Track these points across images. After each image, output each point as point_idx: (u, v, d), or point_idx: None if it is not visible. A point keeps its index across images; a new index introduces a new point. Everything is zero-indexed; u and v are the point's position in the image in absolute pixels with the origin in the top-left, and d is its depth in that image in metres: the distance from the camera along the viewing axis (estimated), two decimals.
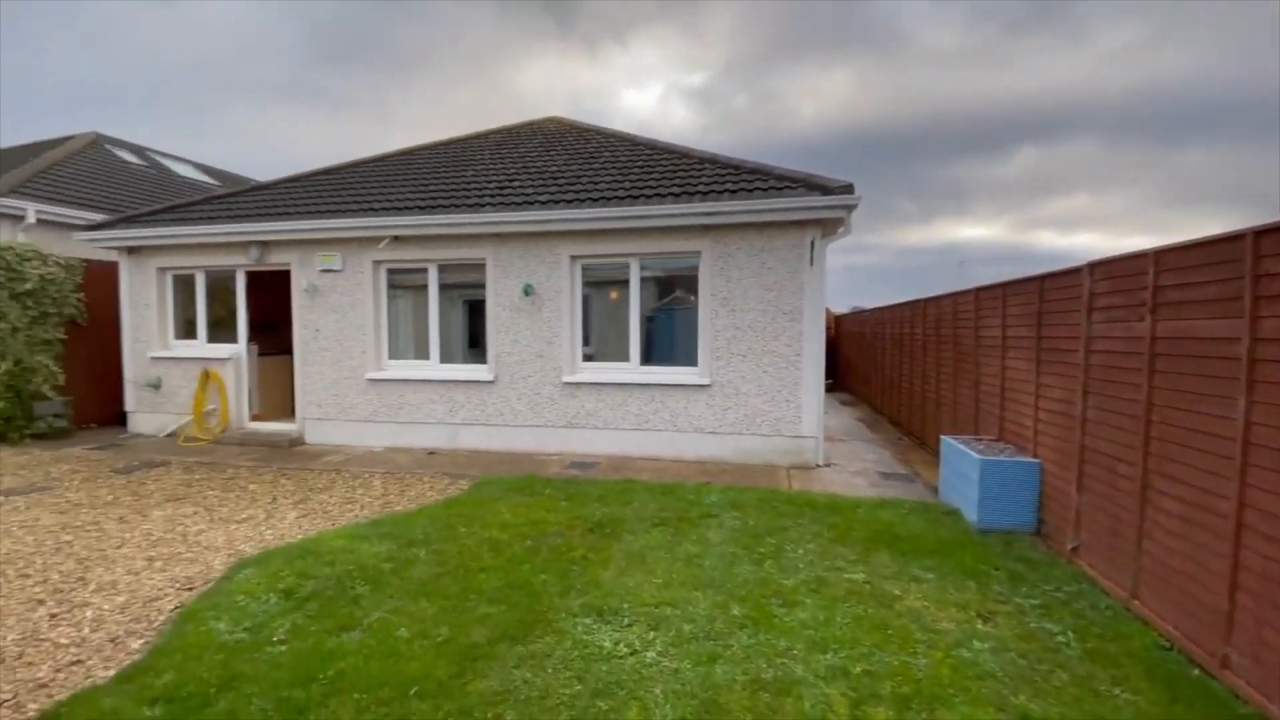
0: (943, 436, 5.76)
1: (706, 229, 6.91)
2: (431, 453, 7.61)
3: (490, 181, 8.41)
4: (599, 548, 4.22)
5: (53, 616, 3.29)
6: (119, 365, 9.24)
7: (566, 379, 7.36)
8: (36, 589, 3.64)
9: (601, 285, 7.74)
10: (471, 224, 7.39)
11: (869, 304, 14.01)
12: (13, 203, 9.53)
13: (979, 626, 3.32)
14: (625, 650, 2.95)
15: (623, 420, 7.24)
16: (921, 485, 6.30)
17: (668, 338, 7.57)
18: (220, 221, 8.38)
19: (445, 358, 8.08)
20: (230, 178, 16.88)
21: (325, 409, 8.23)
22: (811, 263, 6.69)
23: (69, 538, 4.52)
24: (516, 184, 8.16)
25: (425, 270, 7.95)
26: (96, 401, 9.36)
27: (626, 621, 3.22)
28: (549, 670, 2.77)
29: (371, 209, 7.94)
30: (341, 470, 6.71)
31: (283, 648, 2.88)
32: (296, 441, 8.13)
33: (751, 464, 6.90)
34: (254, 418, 8.79)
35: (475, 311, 8.24)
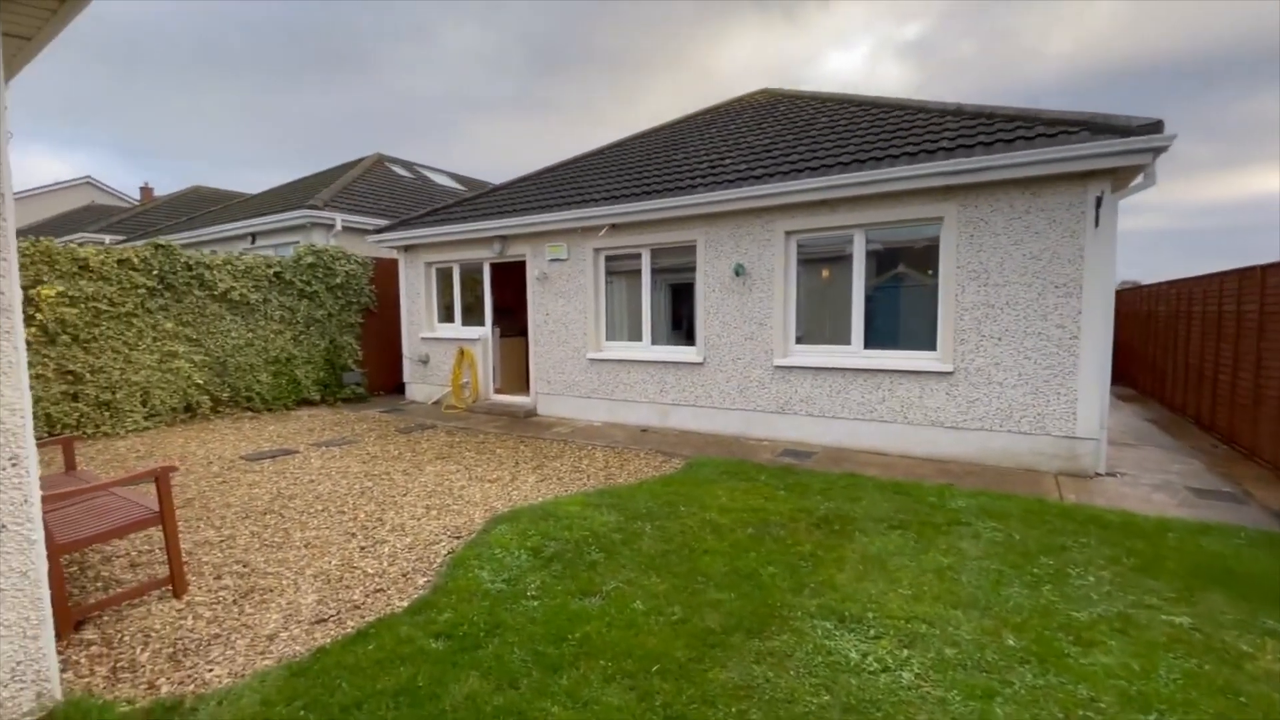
0: None
1: (950, 190, 5.99)
2: (644, 430, 7.87)
3: (701, 162, 8.34)
4: (829, 545, 3.89)
5: (362, 549, 3.99)
6: (398, 344, 11.18)
7: (778, 362, 7.02)
8: (350, 524, 4.46)
9: (812, 263, 7.20)
10: (682, 206, 7.39)
11: (1144, 278, 11.20)
12: (327, 214, 12.01)
13: None
14: (875, 665, 2.62)
15: (842, 408, 6.69)
16: (1256, 509, 4.80)
17: (894, 318, 6.78)
18: (470, 220, 9.58)
19: (655, 339, 8.27)
20: (474, 182, 19.42)
21: (553, 385, 8.99)
22: (1097, 224, 5.42)
23: (370, 484, 5.51)
24: (728, 162, 7.97)
25: (639, 255, 8.19)
26: (383, 373, 11.46)
27: (873, 633, 2.86)
28: (791, 672, 2.56)
29: (592, 199, 8.39)
30: (568, 441, 7.25)
31: (535, 603, 3.10)
32: (530, 413, 9.03)
33: (1004, 466, 5.89)
34: (496, 390, 9.98)
35: (679, 294, 8.28)
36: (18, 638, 2.21)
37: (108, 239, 18.10)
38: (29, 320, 7.30)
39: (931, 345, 6.31)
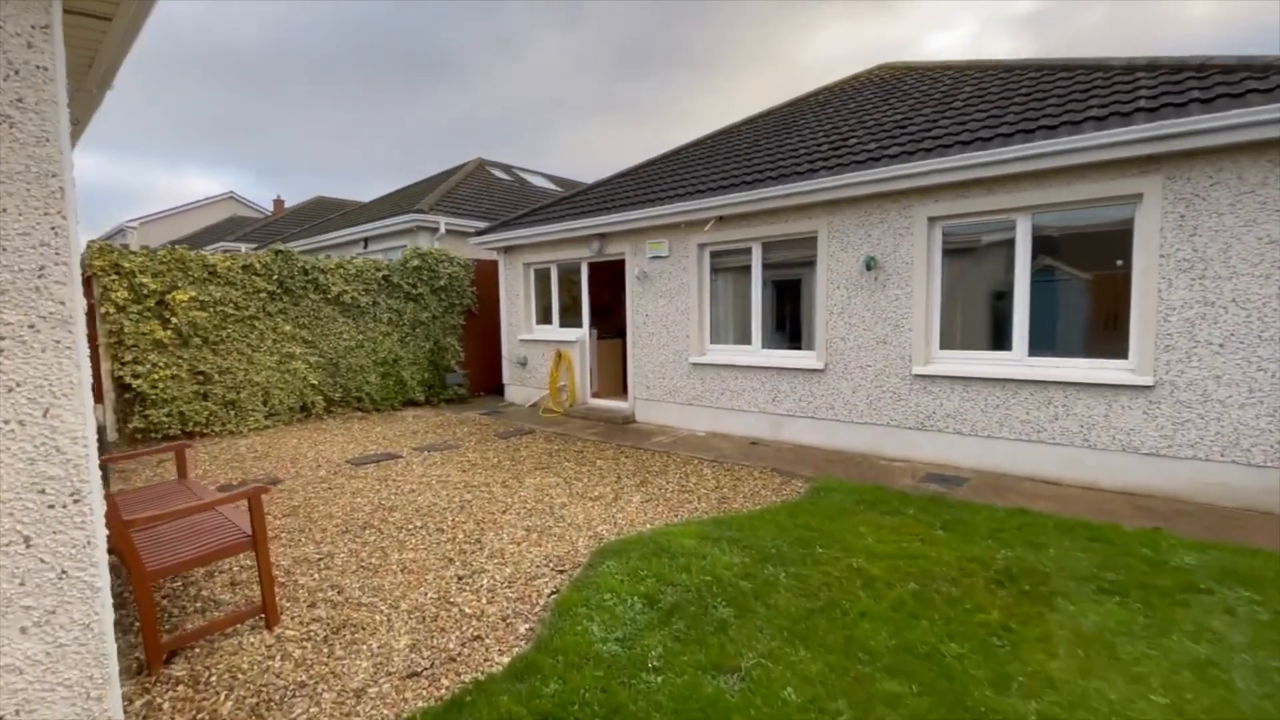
0: None
1: (1153, 161, 4.81)
2: (753, 443, 7.14)
3: (820, 144, 7.48)
4: (1024, 615, 3.03)
5: (459, 579, 3.61)
6: (498, 345, 11.13)
7: (918, 370, 6.06)
8: (447, 546, 4.13)
9: (958, 254, 6.16)
10: (801, 193, 6.58)
11: None
12: (432, 218, 12.21)
13: None
14: None
15: (1000, 426, 5.64)
16: None
17: (1068, 320, 5.65)
18: (568, 219, 9.26)
19: (766, 343, 7.51)
20: (568, 183, 19.39)
21: (652, 390, 8.47)
22: None
23: (469, 496, 5.21)
24: (852, 142, 7.06)
25: (749, 250, 7.47)
26: (483, 374, 11.47)
27: None
28: None
29: (697, 191, 7.77)
30: (671, 454, 6.68)
31: (659, 679, 2.52)
32: (628, 420, 8.57)
33: (1224, 506, 4.65)
34: (593, 394, 9.62)
35: (793, 292, 7.47)
36: (80, 699, 1.92)
37: (243, 247, 19.76)
38: (165, 323, 7.74)
39: (1121, 353, 5.14)
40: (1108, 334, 5.31)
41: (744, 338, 7.71)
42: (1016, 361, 5.62)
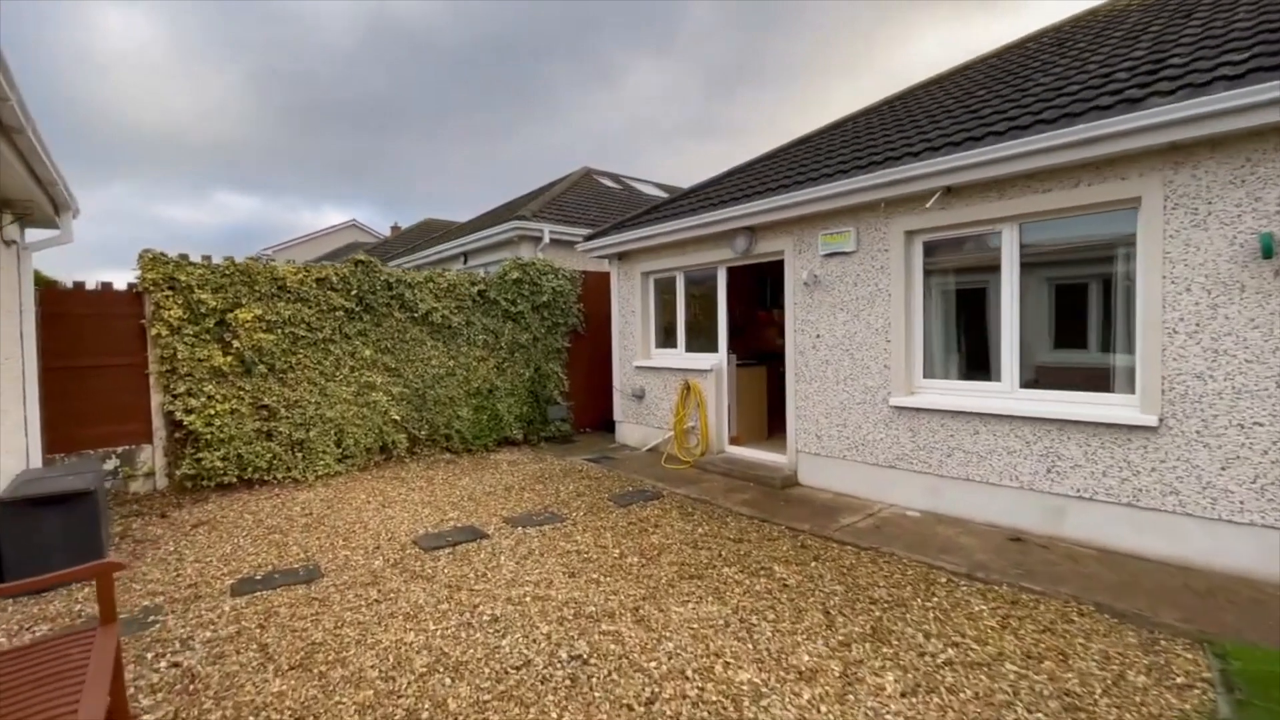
0: None
1: None
2: (1015, 539, 4.53)
3: (1110, 74, 4.82)
4: None
5: None
6: (608, 372, 9.17)
7: None
8: None
9: None
10: (1118, 133, 3.99)
11: None
12: (535, 225, 10.62)
13: None
14: None
15: None
16: None
17: None
18: (702, 211, 7.14)
19: (1027, 379, 4.90)
20: (678, 192, 17.46)
21: (825, 442, 6.05)
22: None
23: (583, 646, 3.09)
24: (1177, 61, 4.37)
25: (995, 234, 4.93)
26: (590, 407, 9.56)
27: None
28: None
29: (908, 152, 5.35)
30: (885, 555, 4.24)
31: None
32: (789, 481, 6.19)
33: None
34: (732, 440, 7.34)
35: (1069, 300, 4.85)
36: None
37: None
38: (225, 348, 6.43)
39: None
40: None
41: (983, 369, 5.15)
42: None
